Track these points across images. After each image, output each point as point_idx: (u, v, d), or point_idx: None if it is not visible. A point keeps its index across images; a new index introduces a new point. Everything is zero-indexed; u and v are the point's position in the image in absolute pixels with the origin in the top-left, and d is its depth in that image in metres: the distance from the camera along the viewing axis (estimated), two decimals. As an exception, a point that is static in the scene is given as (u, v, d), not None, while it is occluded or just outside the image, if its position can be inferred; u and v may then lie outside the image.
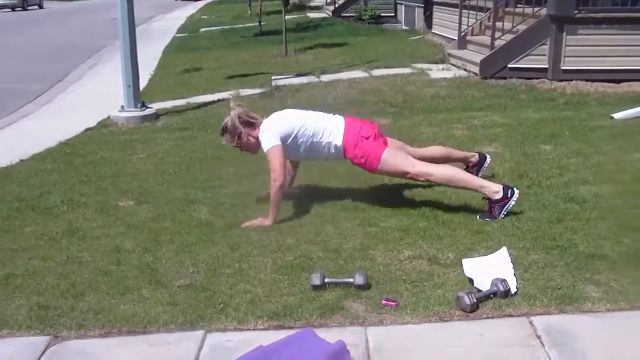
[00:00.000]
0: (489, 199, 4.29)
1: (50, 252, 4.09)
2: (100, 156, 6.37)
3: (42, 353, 3.03)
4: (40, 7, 40.08)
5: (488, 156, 4.96)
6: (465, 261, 3.59)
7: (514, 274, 3.40)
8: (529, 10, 9.30)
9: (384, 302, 3.27)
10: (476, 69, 9.39)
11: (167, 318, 3.23)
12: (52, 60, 14.58)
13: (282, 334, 2.97)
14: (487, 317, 3.13)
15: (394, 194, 4.76)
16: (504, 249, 3.64)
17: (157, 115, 8.11)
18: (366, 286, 3.39)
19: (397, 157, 4.43)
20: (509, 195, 4.25)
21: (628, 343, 2.91)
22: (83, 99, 10.18)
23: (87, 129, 7.63)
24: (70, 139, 7.19)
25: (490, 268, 3.44)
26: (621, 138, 6.06)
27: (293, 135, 4.44)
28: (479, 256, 3.68)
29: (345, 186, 4.99)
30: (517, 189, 4.32)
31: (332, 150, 4.48)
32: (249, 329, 3.13)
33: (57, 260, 3.96)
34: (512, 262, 3.51)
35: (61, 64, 13.83)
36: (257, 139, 4.53)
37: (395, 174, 4.54)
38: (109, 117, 8.05)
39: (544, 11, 8.96)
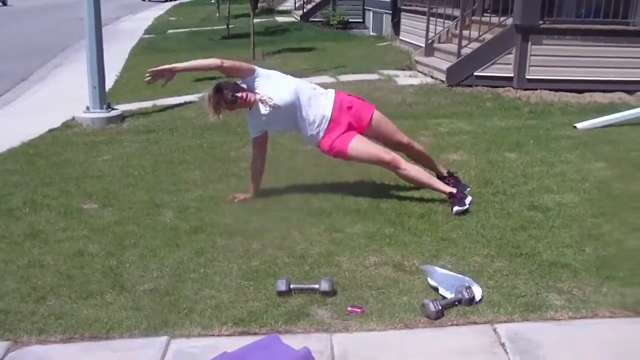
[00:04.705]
0: (449, 194, 4.55)
1: (11, 255, 4.02)
2: (64, 157, 6.28)
3: (2, 358, 2.97)
4: (4, 4, 39.40)
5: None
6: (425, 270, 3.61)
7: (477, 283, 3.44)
8: (495, 19, 9.42)
9: (349, 308, 3.27)
10: (443, 77, 9.48)
11: (130, 323, 3.19)
12: (15, 58, 14.31)
13: (247, 340, 2.96)
14: (451, 325, 3.15)
15: (360, 199, 4.78)
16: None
17: (122, 117, 8.02)
18: (332, 292, 3.39)
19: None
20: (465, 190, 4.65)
21: (589, 350, 2.95)
22: (47, 99, 10.02)
23: (51, 130, 7.49)
24: (34, 139, 7.06)
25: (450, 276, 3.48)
26: (584, 147, 6.16)
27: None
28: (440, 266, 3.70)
29: (311, 190, 4.99)
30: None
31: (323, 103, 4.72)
32: (214, 335, 3.10)
33: (18, 264, 3.88)
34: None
35: (25, 62, 13.59)
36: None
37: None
38: (73, 118, 7.93)
39: (509, 21, 9.09)
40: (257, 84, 4.64)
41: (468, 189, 4.81)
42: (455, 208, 4.46)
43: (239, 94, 4.56)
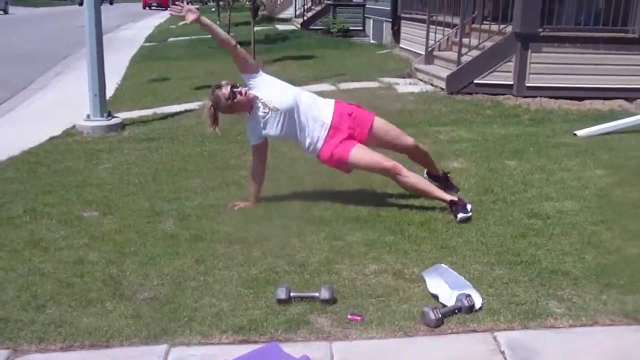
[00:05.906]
0: (450, 202, 4.56)
1: (12, 263, 4.02)
2: (64, 166, 6.29)
3: (1, 367, 2.98)
4: (5, 12, 39.50)
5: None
6: (426, 277, 3.61)
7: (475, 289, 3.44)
8: (495, 27, 9.44)
9: (349, 316, 3.27)
10: (443, 84, 9.50)
11: (130, 332, 3.19)
12: (16, 66, 14.36)
13: (247, 349, 2.96)
14: (451, 333, 3.14)
15: (360, 207, 4.77)
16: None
17: (123, 125, 8.03)
18: (332, 300, 3.39)
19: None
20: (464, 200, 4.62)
21: (590, 358, 2.95)
22: (48, 107, 10.05)
23: (52, 138, 7.51)
24: (34, 147, 7.07)
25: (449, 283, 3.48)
26: (584, 155, 6.17)
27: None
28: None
29: (311, 198, 4.99)
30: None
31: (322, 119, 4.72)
32: (214, 343, 3.10)
33: (19, 272, 3.88)
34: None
35: (26, 70, 13.63)
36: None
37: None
38: (74, 126, 7.95)
39: (509, 29, 9.10)
40: (257, 84, 4.69)
41: (457, 191, 4.90)
42: (460, 215, 4.45)
43: (238, 89, 4.61)
